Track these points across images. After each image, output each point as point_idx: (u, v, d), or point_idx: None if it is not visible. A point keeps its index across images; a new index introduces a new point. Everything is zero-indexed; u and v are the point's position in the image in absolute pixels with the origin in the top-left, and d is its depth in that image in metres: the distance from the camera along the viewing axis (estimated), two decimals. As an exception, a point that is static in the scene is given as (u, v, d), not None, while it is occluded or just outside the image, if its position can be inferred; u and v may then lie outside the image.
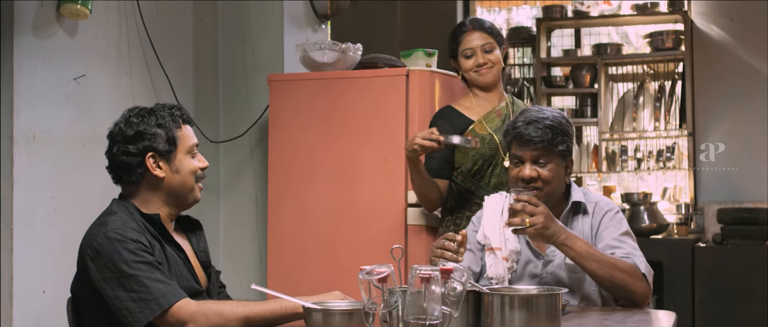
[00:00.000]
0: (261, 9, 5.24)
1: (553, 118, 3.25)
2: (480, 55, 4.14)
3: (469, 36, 4.16)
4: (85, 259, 2.78)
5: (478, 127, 4.12)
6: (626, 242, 3.21)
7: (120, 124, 2.94)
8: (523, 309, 2.63)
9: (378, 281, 2.41)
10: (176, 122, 2.95)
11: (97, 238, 2.77)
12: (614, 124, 7.40)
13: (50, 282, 4.05)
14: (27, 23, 4.00)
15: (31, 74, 4.01)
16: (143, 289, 2.69)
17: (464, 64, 4.18)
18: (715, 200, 7.06)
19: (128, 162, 2.91)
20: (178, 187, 2.95)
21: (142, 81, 4.71)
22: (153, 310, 2.68)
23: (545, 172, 3.22)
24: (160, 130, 2.90)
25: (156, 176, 2.91)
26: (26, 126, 3.98)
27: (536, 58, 7.53)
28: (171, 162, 2.92)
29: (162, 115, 2.94)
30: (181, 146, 2.94)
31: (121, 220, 2.82)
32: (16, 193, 3.93)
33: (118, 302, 2.70)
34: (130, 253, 2.72)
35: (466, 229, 3.46)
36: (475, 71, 4.16)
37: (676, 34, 7.26)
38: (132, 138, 2.90)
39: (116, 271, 2.71)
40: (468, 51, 4.16)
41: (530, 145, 3.21)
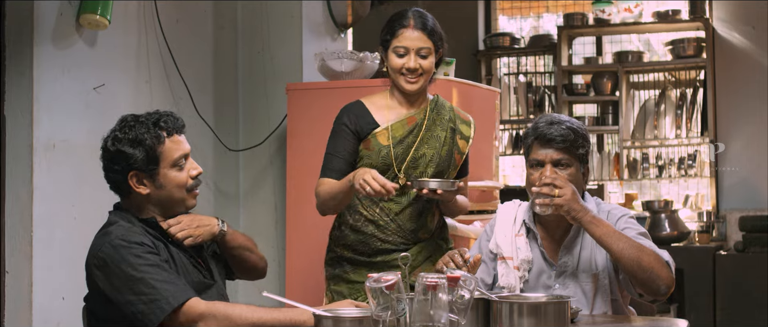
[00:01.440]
0: (280, 18, 5.27)
1: (573, 121, 3.27)
2: (413, 58, 3.57)
3: (407, 33, 3.57)
4: (93, 271, 2.81)
5: (380, 135, 3.60)
6: (645, 242, 3.18)
7: (107, 139, 2.95)
8: (532, 316, 2.65)
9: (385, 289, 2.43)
10: (159, 137, 2.91)
11: (102, 248, 2.80)
12: (635, 131, 7.39)
13: (70, 289, 4.10)
14: (47, 34, 4.06)
15: (51, 84, 4.07)
16: (152, 291, 2.72)
17: (394, 61, 3.58)
18: (737, 208, 7.03)
19: (113, 178, 2.95)
20: (165, 201, 2.96)
21: (161, 90, 4.75)
22: (164, 309, 2.71)
23: (566, 175, 3.20)
24: (138, 149, 2.89)
25: (140, 192, 2.92)
26: (46, 135, 4.04)
27: (557, 65, 7.53)
28: (154, 178, 2.92)
29: (142, 132, 2.91)
30: (165, 161, 2.92)
31: (124, 228, 2.85)
32: (36, 201, 3.99)
33: (130, 307, 2.73)
34: (135, 257, 2.76)
35: (479, 239, 3.48)
36: (402, 74, 3.59)
37: (698, 42, 7.25)
38: (114, 157, 2.92)
39: (124, 277, 2.74)
40: (401, 49, 3.56)
41: (552, 145, 3.20)
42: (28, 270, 3.98)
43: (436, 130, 3.66)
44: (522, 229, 3.34)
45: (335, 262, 3.69)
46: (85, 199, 4.23)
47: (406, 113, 3.65)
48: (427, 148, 3.62)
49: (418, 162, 3.60)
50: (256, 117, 5.27)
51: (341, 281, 3.65)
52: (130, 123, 2.94)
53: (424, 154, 3.61)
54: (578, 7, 7.96)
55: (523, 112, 7.87)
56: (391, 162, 3.58)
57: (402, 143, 3.59)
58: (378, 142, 3.59)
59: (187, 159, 2.98)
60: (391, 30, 3.60)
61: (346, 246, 3.65)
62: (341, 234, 3.67)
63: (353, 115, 3.63)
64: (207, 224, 3.04)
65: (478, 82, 7.70)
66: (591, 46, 7.95)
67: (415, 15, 3.59)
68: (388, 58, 3.61)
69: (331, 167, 3.59)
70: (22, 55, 4.00)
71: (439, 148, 3.64)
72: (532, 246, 3.31)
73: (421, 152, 3.60)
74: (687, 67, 7.40)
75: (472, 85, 4.97)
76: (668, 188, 7.41)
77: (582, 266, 3.23)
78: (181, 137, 2.98)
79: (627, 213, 3.32)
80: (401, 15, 3.61)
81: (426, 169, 3.60)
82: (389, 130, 3.60)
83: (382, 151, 3.58)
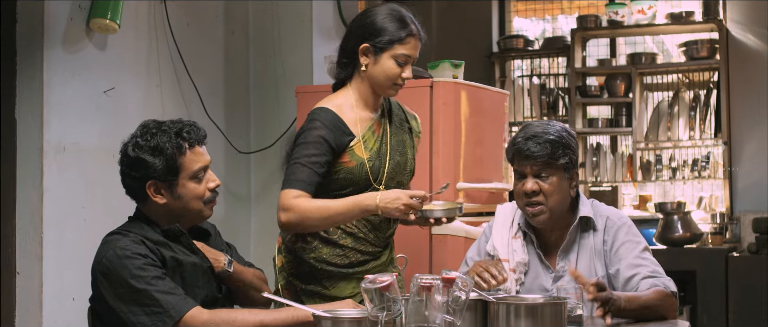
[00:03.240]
0: (291, 22, 5.31)
1: (553, 132, 3.24)
2: (408, 70, 3.35)
3: (414, 41, 3.35)
4: (98, 277, 2.82)
5: (357, 148, 3.34)
6: (647, 259, 3.21)
7: (128, 145, 2.93)
8: (529, 317, 2.67)
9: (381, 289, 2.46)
10: (181, 148, 2.88)
11: (106, 256, 2.81)
12: (649, 133, 7.38)
13: (79, 290, 4.14)
14: (57, 38, 4.12)
15: (61, 87, 4.12)
16: (154, 303, 2.73)
17: (391, 69, 3.32)
18: (751, 210, 7.01)
19: (131, 185, 2.94)
20: (181, 211, 2.94)
21: (172, 93, 4.80)
22: (165, 322, 2.72)
23: (547, 185, 3.22)
24: (159, 159, 2.86)
25: (157, 202, 2.91)
26: (56, 138, 4.09)
27: (571, 67, 7.53)
28: (173, 189, 2.89)
29: (166, 141, 2.87)
30: (185, 172, 2.89)
31: (130, 238, 2.85)
32: (46, 203, 4.05)
33: (132, 317, 2.74)
34: (138, 268, 2.76)
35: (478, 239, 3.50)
36: (393, 83, 3.35)
37: (711, 43, 7.23)
38: (133, 163, 2.89)
39: (127, 287, 2.75)
40: (403, 58, 3.32)
41: (530, 160, 3.21)
42: (39, 271, 4.04)
43: (399, 134, 3.50)
44: (518, 231, 3.37)
45: (310, 276, 3.41)
46: (94, 202, 4.28)
47: (370, 118, 3.42)
48: (399, 155, 3.46)
49: (395, 172, 3.44)
50: (266, 120, 5.32)
51: (319, 298, 3.36)
52: (152, 130, 2.90)
53: (398, 162, 3.45)
54: (592, 9, 7.95)
55: (537, 114, 7.87)
56: (375, 176, 3.36)
57: (378, 154, 3.39)
58: (356, 155, 3.34)
59: (207, 171, 2.96)
60: (398, 36, 3.32)
61: (320, 260, 3.39)
62: (309, 247, 3.39)
63: (331, 130, 3.30)
64: (213, 259, 3.02)
65: (491, 84, 7.73)
66: (605, 47, 7.95)
67: (414, 22, 3.38)
68: (383, 63, 3.33)
69: (302, 179, 3.24)
70: (32, 59, 4.06)
71: (407, 153, 3.50)
72: (529, 249, 3.34)
73: (395, 161, 3.44)
74: (700, 69, 7.39)
75: (481, 87, 4.99)
76: (682, 190, 7.40)
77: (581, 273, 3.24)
78: (202, 149, 2.94)
79: (625, 222, 3.32)
80: (403, 20, 3.35)
81: (403, 179, 3.47)
82: (362, 141, 3.36)
83: (365, 164, 3.34)
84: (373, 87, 3.38)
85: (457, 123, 4.64)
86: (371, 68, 3.35)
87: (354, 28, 3.41)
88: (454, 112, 4.63)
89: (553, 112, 7.83)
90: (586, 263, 3.26)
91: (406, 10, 3.38)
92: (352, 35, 3.40)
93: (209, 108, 4.98)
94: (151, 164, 2.85)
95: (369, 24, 3.35)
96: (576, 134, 3.40)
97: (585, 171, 7.46)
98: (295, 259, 3.42)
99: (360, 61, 3.36)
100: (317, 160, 3.25)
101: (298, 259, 3.41)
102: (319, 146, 3.26)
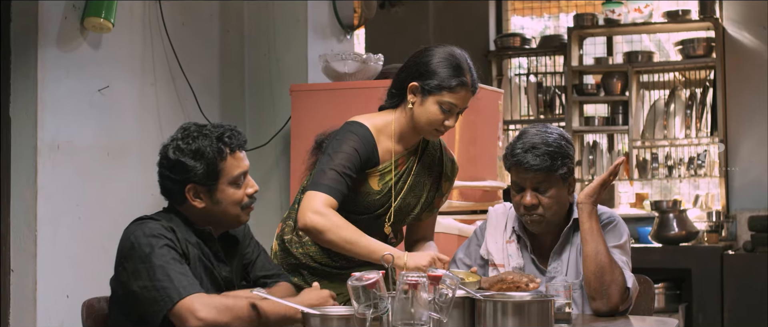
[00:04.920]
0: (286, 20, 5.32)
1: (552, 141, 3.19)
2: (454, 119, 3.24)
3: (463, 93, 3.21)
4: (122, 252, 2.82)
5: (372, 179, 3.27)
6: (615, 254, 3.20)
7: (168, 147, 2.89)
8: (516, 315, 2.68)
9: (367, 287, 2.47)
10: (222, 153, 2.86)
11: (135, 233, 2.80)
12: (645, 131, 7.40)
13: (74, 287, 4.17)
14: (51, 37, 4.13)
15: (55, 85, 4.14)
16: (166, 279, 2.71)
17: (434, 114, 3.20)
18: (747, 208, 7.03)
19: (170, 187, 2.91)
20: (219, 216, 2.93)
21: (166, 92, 4.82)
22: (172, 298, 2.70)
23: (546, 198, 3.20)
24: (201, 162, 2.84)
25: (195, 206, 2.90)
26: (50, 136, 4.11)
27: (568, 66, 7.55)
28: (212, 194, 2.88)
29: (207, 145, 2.85)
30: (225, 178, 2.88)
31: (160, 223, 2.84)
32: (40, 201, 4.06)
33: (145, 292, 2.73)
34: (160, 247, 2.76)
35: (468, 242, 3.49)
36: (434, 129, 3.24)
37: (708, 42, 7.25)
38: (173, 166, 2.86)
39: (147, 261, 2.74)
40: (447, 105, 3.19)
41: (530, 173, 3.18)
42: (33, 269, 4.05)
43: (423, 175, 3.39)
44: (513, 235, 3.36)
45: (295, 270, 3.38)
46: (88, 199, 4.30)
47: (400, 152, 3.32)
48: (412, 197, 3.36)
49: (402, 211, 3.36)
50: (261, 118, 5.33)
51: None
52: (193, 134, 2.87)
53: (408, 203, 3.35)
54: (589, 8, 7.97)
55: (534, 113, 7.89)
56: (373, 209, 3.29)
57: (388, 192, 3.30)
58: (369, 185, 3.27)
59: (246, 176, 2.94)
60: (448, 84, 3.17)
61: (306, 255, 3.36)
62: (300, 241, 3.36)
63: (365, 148, 3.22)
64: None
65: (488, 82, 7.75)
66: (602, 46, 7.96)
67: (470, 72, 3.23)
68: (427, 106, 3.20)
69: (339, 188, 3.14)
70: (26, 57, 4.08)
71: (423, 196, 3.39)
72: (523, 253, 3.34)
73: (406, 202, 3.35)
74: (697, 67, 7.41)
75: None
76: (679, 188, 7.41)
77: (571, 274, 3.27)
78: (242, 154, 2.93)
79: (612, 221, 3.31)
80: (459, 68, 3.19)
81: (405, 219, 3.39)
82: (380, 173, 3.28)
83: (370, 197, 3.27)
84: (415, 126, 3.26)
85: (451, 121, 4.65)
86: (416, 108, 3.23)
87: (410, 62, 3.28)
88: (448, 111, 4.63)
89: (549, 110, 7.85)
90: (575, 262, 3.27)
91: (467, 58, 3.25)
92: (407, 69, 3.28)
93: (204, 106, 5.00)
94: (192, 168, 2.84)
95: (424, 63, 3.22)
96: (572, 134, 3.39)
97: (581, 169, 7.48)
98: (284, 251, 3.41)
99: (408, 97, 3.25)
100: (350, 172, 3.17)
101: (286, 251, 3.39)
102: (353, 159, 3.18)
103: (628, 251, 3.29)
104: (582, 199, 3.19)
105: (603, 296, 3.12)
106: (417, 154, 3.38)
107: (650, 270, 4.42)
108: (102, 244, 4.32)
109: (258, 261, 3.15)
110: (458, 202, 4.75)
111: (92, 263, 4.28)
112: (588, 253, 3.14)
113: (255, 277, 3.12)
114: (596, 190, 3.20)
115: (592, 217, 3.17)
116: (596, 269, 3.12)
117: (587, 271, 3.14)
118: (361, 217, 3.28)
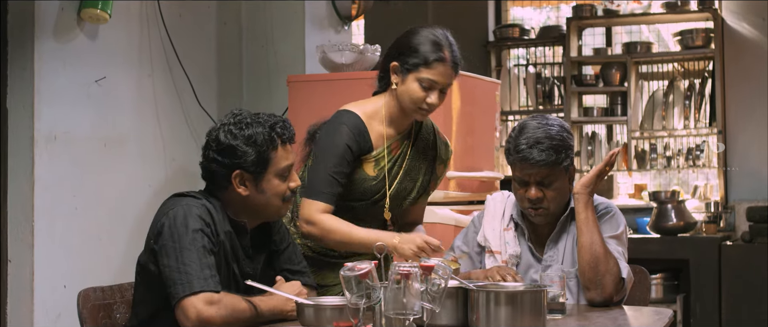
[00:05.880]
0: (284, 11, 5.33)
1: (555, 134, 3.19)
2: (436, 96, 3.25)
3: (442, 68, 3.23)
4: (157, 226, 2.79)
5: (368, 165, 3.32)
6: (611, 245, 3.22)
7: (218, 131, 2.87)
8: (509, 305, 2.68)
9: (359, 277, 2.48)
10: (274, 142, 2.85)
11: (175, 209, 2.79)
12: (644, 122, 7.40)
13: (71, 277, 4.19)
14: (48, 27, 4.14)
15: (52, 76, 4.15)
16: (192, 265, 2.70)
17: (415, 92, 3.23)
18: (746, 198, 7.03)
19: (216, 171, 2.88)
20: (260, 206, 2.92)
21: (163, 83, 4.83)
22: (192, 285, 2.68)
23: (551, 191, 3.22)
24: (253, 149, 2.82)
25: (239, 193, 2.88)
26: (47, 127, 4.12)
27: (567, 56, 7.54)
28: (258, 183, 2.87)
29: (260, 133, 2.84)
30: (273, 168, 2.87)
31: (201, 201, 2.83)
32: (37, 192, 4.08)
33: (167, 270, 2.71)
34: (194, 231, 2.74)
35: (466, 230, 3.51)
36: (418, 109, 3.27)
37: (706, 32, 7.24)
38: (224, 150, 2.84)
39: (178, 241, 2.72)
40: (427, 82, 3.22)
41: (535, 169, 3.18)
42: (30, 259, 4.07)
43: (418, 159, 3.43)
44: (510, 223, 3.38)
45: None
46: (85, 190, 4.31)
47: (393, 136, 3.36)
48: (408, 181, 3.40)
49: (399, 196, 3.39)
50: (259, 109, 5.23)
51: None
52: (246, 120, 2.86)
53: (405, 187, 3.39)
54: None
55: (533, 103, 7.89)
56: (371, 195, 3.33)
57: (385, 176, 3.33)
58: (364, 172, 3.30)
59: (291, 170, 2.94)
60: (424, 59, 3.21)
61: (305, 246, 3.37)
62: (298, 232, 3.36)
63: (356, 138, 3.26)
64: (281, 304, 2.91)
65: (487, 73, 7.76)
66: (601, 36, 7.96)
67: (449, 48, 3.26)
68: (408, 84, 3.24)
69: (329, 191, 3.22)
70: (23, 48, 4.09)
71: (418, 180, 3.44)
72: (520, 241, 3.36)
73: (402, 186, 3.38)
74: (696, 58, 7.40)
75: (473, 77, 5.00)
76: (678, 178, 7.42)
77: (567, 262, 3.28)
78: (290, 147, 2.93)
79: (609, 211, 3.32)
80: (437, 44, 3.23)
81: (402, 203, 3.42)
82: (374, 159, 3.32)
83: (366, 182, 3.31)
84: (401, 107, 3.30)
85: (448, 112, 4.66)
86: (399, 88, 3.27)
87: (393, 44, 3.33)
88: (445, 101, 4.59)
89: (548, 101, 7.85)
90: (571, 251, 3.28)
91: (448, 36, 3.27)
92: (389, 51, 3.33)
93: (201, 97, 5.01)
94: (243, 153, 2.82)
95: (404, 42, 3.27)
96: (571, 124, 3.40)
97: (580, 160, 7.48)
98: None
99: (391, 78, 3.29)
100: (342, 170, 3.22)
101: None
102: (345, 156, 3.23)
103: (625, 242, 3.30)
104: (578, 190, 3.22)
105: (597, 286, 3.14)
106: (410, 139, 3.41)
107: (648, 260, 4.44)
108: (99, 235, 4.34)
109: (286, 252, 3.13)
110: (455, 193, 4.76)
111: (89, 254, 4.30)
112: (583, 243, 3.16)
113: (280, 268, 3.10)
114: (592, 180, 3.22)
115: (588, 207, 3.19)
116: (591, 259, 3.14)
117: (582, 261, 3.15)
118: (359, 204, 3.32)
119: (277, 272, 3.07)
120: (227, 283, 2.88)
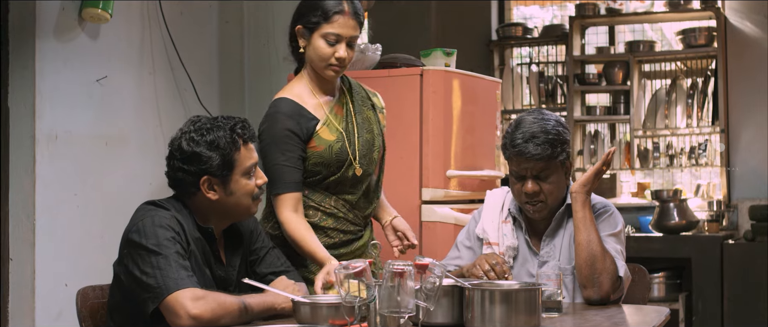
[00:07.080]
0: (286, 9, 5.28)
1: (551, 128, 3.22)
2: (344, 49, 3.29)
3: (342, 20, 3.27)
4: (128, 235, 2.81)
5: (323, 131, 3.35)
6: (609, 243, 3.25)
7: (180, 140, 2.90)
8: (504, 303, 2.69)
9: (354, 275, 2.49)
10: (236, 144, 2.89)
11: (144, 219, 2.81)
12: (647, 121, 7.40)
13: (72, 276, 4.20)
14: (49, 27, 4.16)
15: (53, 76, 4.16)
16: (169, 269, 2.72)
17: (322, 49, 3.28)
18: (749, 197, 7.02)
19: (183, 179, 2.91)
20: (231, 208, 2.95)
21: (165, 82, 4.84)
22: (175, 284, 2.70)
23: (547, 185, 3.24)
24: (216, 153, 2.86)
25: (209, 198, 2.91)
26: (48, 126, 4.14)
27: (569, 55, 7.54)
28: (226, 185, 2.90)
29: (222, 136, 2.87)
30: (238, 169, 2.91)
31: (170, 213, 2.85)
32: (39, 191, 4.10)
33: (145, 278, 2.73)
34: (166, 239, 2.77)
35: (468, 224, 3.53)
36: (328, 65, 3.30)
37: (709, 31, 7.23)
38: (188, 158, 2.87)
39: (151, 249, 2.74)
40: (333, 37, 3.27)
41: (531, 162, 3.20)
42: (31, 257, 4.09)
43: (363, 112, 3.48)
44: (508, 216, 3.41)
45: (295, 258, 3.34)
46: (86, 189, 4.33)
47: (329, 101, 3.41)
48: (367, 132, 3.45)
49: (367, 149, 3.44)
50: (261, 108, 5.29)
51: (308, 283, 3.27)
52: (206, 125, 2.90)
53: (366, 139, 3.44)
54: (591, -3, 7.97)
55: (536, 102, 7.90)
56: (343, 155, 3.36)
57: (345, 134, 3.38)
58: (323, 139, 3.34)
59: (256, 167, 2.98)
60: (323, 14, 3.27)
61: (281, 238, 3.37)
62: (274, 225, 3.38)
63: (296, 120, 3.31)
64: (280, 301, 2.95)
65: (490, 71, 7.76)
66: (604, 35, 7.95)
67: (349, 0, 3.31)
68: (314, 43, 3.30)
69: (290, 179, 3.28)
70: (24, 48, 4.11)
71: (373, 130, 3.49)
72: (518, 234, 3.38)
73: (364, 138, 3.43)
74: (698, 57, 7.39)
75: (473, 75, 5.01)
76: (681, 177, 7.41)
77: (563, 259, 3.30)
78: (252, 145, 2.97)
79: (607, 210, 3.35)
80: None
81: (374, 156, 3.47)
82: (326, 125, 3.36)
83: (333, 146, 3.35)
84: (312, 68, 3.36)
85: (448, 111, 4.67)
86: (308, 51, 3.33)
87: (295, 11, 3.40)
88: (445, 101, 4.66)
89: (551, 99, 7.85)
90: (568, 247, 3.30)
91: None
92: (292, 18, 3.39)
93: (203, 97, 5.02)
94: (208, 159, 2.86)
95: (304, 5, 3.34)
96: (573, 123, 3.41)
97: (583, 158, 7.48)
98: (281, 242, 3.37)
99: (300, 44, 3.36)
100: (293, 155, 3.28)
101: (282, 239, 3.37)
102: (290, 141, 3.28)
103: (623, 240, 3.32)
104: (576, 189, 3.23)
105: (594, 284, 3.16)
106: (347, 95, 3.47)
107: (651, 259, 4.45)
108: (100, 234, 4.35)
109: (266, 257, 3.16)
110: (455, 192, 4.76)
111: (90, 252, 4.31)
112: (580, 241, 3.18)
113: (262, 273, 3.13)
114: (590, 179, 3.23)
115: (586, 206, 3.21)
116: (588, 257, 3.15)
117: (579, 259, 3.17)
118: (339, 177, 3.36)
119: (260, 279, 3.08)
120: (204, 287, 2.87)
